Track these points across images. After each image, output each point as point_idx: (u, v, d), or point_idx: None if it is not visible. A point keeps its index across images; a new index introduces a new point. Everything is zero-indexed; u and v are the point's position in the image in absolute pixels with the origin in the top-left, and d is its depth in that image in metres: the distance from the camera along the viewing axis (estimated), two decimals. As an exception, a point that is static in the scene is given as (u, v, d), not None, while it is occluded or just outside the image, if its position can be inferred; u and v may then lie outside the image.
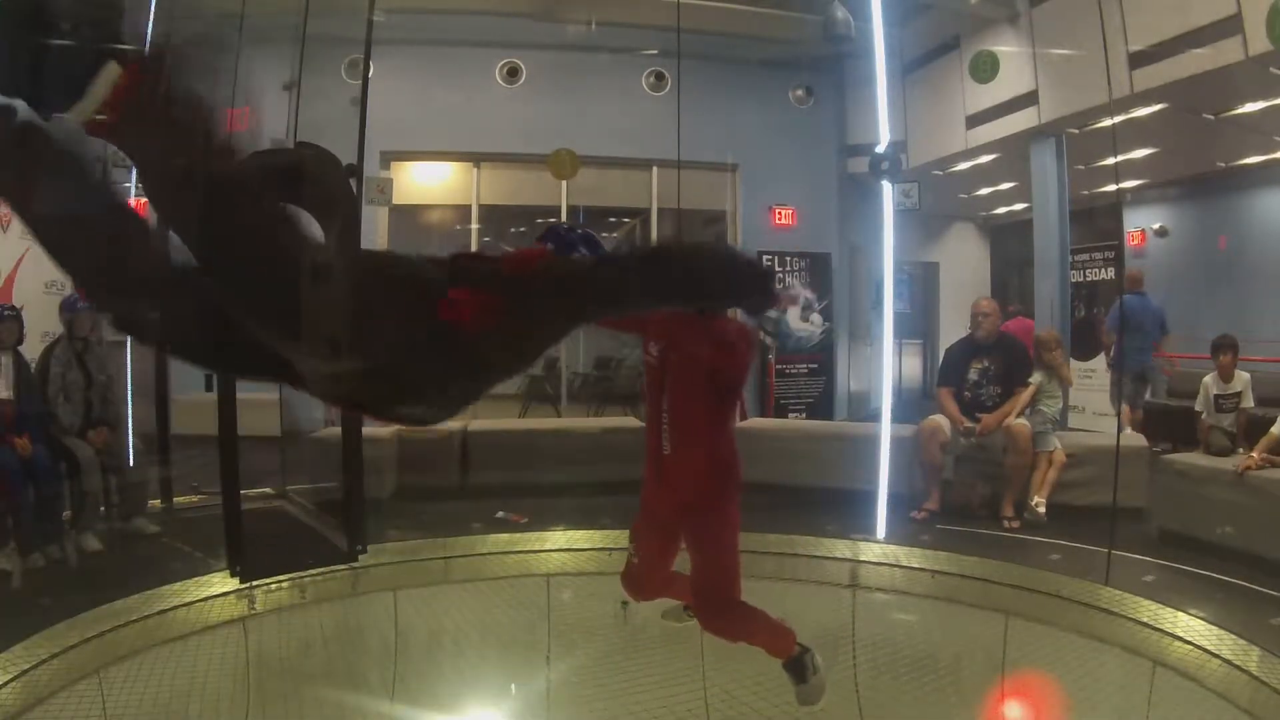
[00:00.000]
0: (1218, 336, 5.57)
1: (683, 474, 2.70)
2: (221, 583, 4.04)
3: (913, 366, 13.05)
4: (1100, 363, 8.87)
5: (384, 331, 1.45)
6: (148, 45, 1.18)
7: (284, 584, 4.17)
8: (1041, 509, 5.32)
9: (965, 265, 13.24)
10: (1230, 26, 5.74)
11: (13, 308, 4.78)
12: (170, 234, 1.41)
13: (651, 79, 9.23)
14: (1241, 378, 5.41)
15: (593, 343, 10.62)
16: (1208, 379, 5.52)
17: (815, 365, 9.81)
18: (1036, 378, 5.62)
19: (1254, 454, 4.72)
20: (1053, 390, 5.65)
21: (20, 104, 1.15)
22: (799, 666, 2.86)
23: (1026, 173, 8.56)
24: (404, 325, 1.48)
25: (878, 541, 4.93)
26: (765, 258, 9.58)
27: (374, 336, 1.44)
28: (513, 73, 9.21)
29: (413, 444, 6.25)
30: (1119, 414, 6.39)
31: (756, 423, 7.68)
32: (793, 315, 9.72)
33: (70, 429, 4.74)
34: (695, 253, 1.92)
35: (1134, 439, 5.84)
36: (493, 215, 10.09)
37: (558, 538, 4.99)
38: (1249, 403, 5.38)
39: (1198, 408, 5.48)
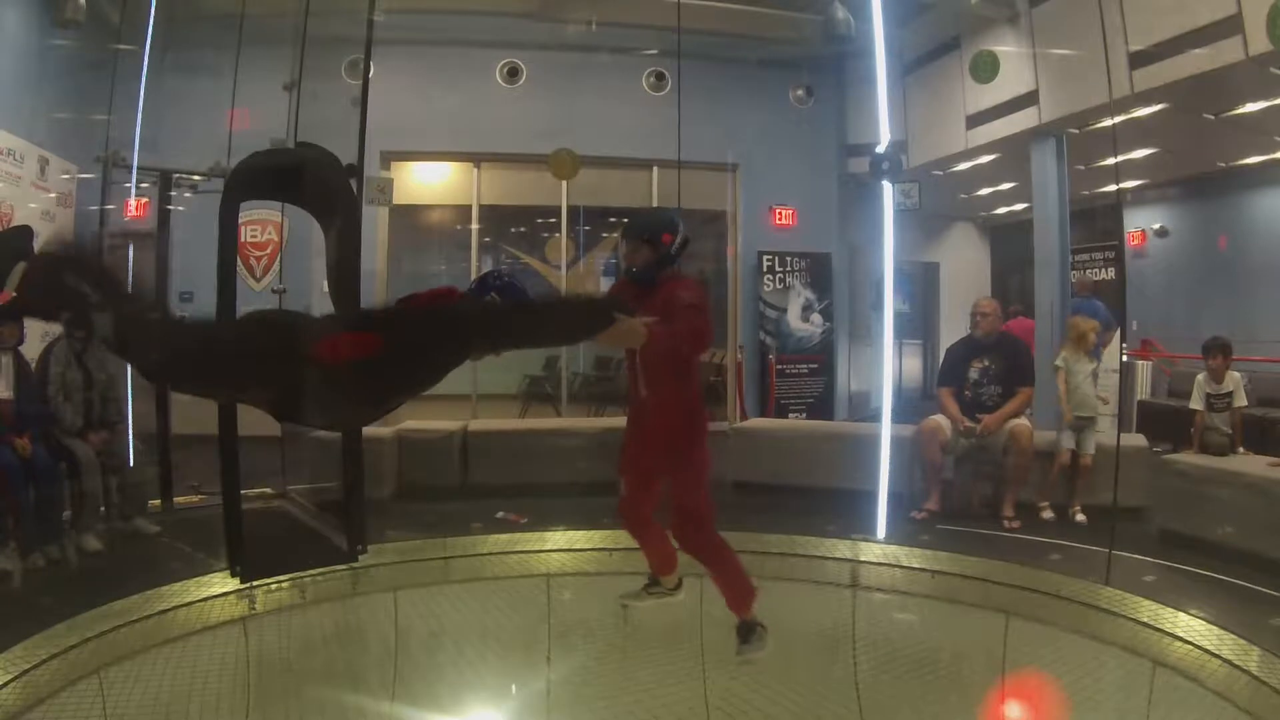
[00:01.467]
0: (1209, 339, 5.59)
1: (657, 413, 3.16)
2: (221, 583, 4.04)
3: (913, 366, 13.04)
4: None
5: (271, 370, 2.03)
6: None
7: (284, 584, 4.17)
8: (1081, 516, 5.39)
9: (965, 265, 13.24)
10: (1230, 26, 5.74)
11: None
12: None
13: (651, 79, 9.23)
14: (1233, 378, 5.43)
15: (592, 344, 10.62)
16: (1200, 377, 5.54)
17: (815, 365, 9.81)
18: (1085, 364, 5.66)
19: None
20: (1085, 385, 5.66)
21: None
22: (749, 630, 3.22)
23: (1026, 173, 8.55)
24: (286, 364, 2.03)
25: (878, 541, 4.93)
26: (766, 257, 9.62)
27: (265, 374, 2.04)
28: (513, 73, 9.21)
29: (413, 444, 6.26)
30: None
31: (756, 423, 7.68)
32: (793, 314, 9.73)
33: (70, 429, 4.74)
34: (552, 304, 2.67)
35: (1134, 439, 5.85)
36: (493, 215, 10.09)
37: (558, 538, 4.99)
38: (1241, 401, 5.40)
39: (1192, 404, 5.51)
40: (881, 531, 5.02)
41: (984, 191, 11.21)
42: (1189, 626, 3.65)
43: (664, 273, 3.16)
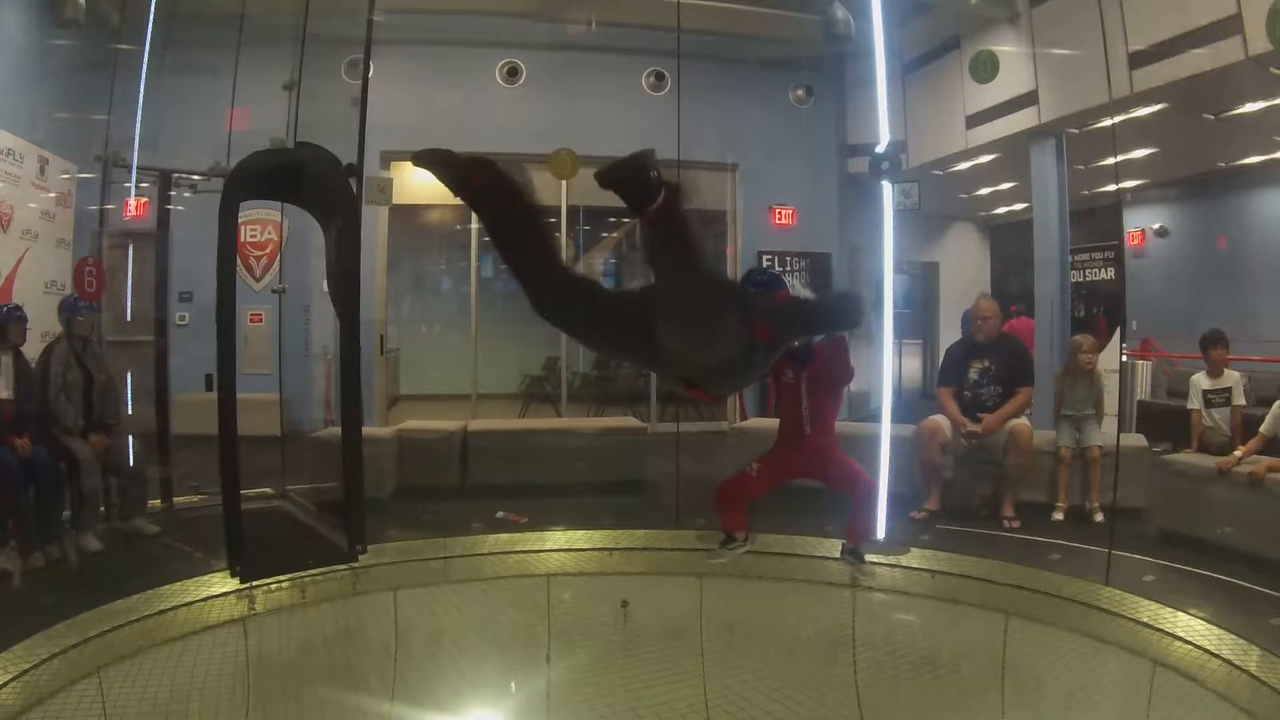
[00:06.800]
0: (1208, 330, 5.56)
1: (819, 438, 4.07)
2: (221, 583, 4.04)
3: (913, 366, 13.04)
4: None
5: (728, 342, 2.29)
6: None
7: (284, 584, 4.17)
8: (1100, 515, 5.35)
9: (965, 265, 13.23)
10: (1230, 26, 5.73)
11: (19, 308, 4.78)
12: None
13: (651, 79, 9.23)
14: (1232, 376, 5.41)
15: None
16: (1196, 376, 5.53)
17: (815, 365, 9.78)
18: (1080, 377, 5.70)
19: (1237, 452, 4.76)
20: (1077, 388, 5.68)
21: None
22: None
23: (1026, 173, 8.54)
24: (737, 338, 2.31)
25: (878, 541, 4.92)
26: (765, 258, 9.61)
27: (722, 344, 2.28)
28: (513, 73, 9.20)
29: (413, 444, 6.26)
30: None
31: (756, 423, 7.66)
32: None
33: (71, 429, 4.74)
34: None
35: (1134, 439, 5.84)
36: (493, 215, 10.06)
37: (558, 538, 4.99)
38: (1240, 399, 5.37)
39: (1189, 405, 5.50)
40: (881, 531, 5.01)
41: (984, 191, 11.21)
42: (1189, 626, 3.64)
43: None
